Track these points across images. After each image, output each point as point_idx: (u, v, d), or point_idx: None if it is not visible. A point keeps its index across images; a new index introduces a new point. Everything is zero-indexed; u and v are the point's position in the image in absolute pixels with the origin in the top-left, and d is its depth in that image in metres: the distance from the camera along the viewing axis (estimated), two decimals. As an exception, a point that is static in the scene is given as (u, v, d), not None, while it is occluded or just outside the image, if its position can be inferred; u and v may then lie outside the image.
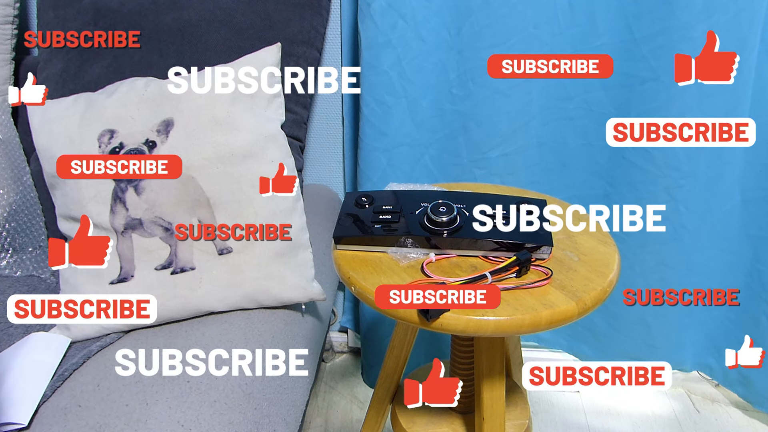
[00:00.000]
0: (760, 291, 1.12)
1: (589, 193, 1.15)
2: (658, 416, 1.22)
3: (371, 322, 1.24)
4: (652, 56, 0.99)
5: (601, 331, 1.23)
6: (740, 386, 1.21)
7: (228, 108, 0.80)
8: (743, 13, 0.95)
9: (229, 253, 0.80)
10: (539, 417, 1.22)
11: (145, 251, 0.79)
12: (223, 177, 0.79)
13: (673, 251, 1.12)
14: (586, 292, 0.59)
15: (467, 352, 0.73)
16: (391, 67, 1.03)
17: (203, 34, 0.96)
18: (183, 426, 0.62)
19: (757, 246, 1.11)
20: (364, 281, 0.61)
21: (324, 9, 1.03)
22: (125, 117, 0.80)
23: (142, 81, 0.84)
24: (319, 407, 1.27)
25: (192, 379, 0.69)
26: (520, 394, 0.82)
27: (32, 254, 0.97)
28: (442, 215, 0.64)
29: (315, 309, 0.95)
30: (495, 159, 1.08)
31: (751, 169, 1.08)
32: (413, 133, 1.09)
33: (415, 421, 0.77)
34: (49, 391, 0.68)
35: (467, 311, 0.55)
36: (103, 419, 0.63)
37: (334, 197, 1.23)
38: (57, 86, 0.98)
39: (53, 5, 1.01)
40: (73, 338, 0.78)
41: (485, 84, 1.03)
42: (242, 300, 0.81)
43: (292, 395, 0.78)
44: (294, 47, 0.98)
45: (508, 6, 0.98)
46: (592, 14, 1.01)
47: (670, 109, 1.01)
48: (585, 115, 1.09)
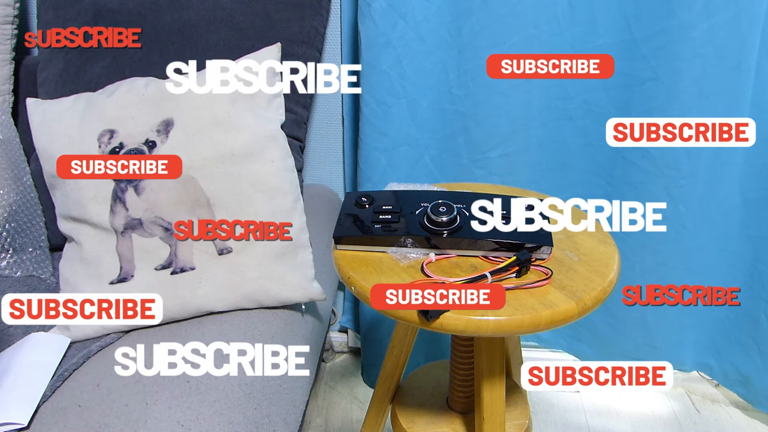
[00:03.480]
0: (760, 291, 1.12)
1: (589, 193, 1.15)
2: (658, 416, 1.22)
3: (371, 322, 1.24)
4: (652, 56, 0.99)
5: (601, 331, 1.23)
6: (740, 386, 1.21)
7: (228, 108, 0.80)
8: (743, 13, 0.95)
9: (229, 253, 0.80)
10: (539, 417, 1.22)
11: (145, 251, 0.79)
12: (223, 177, 0.79)
13: (673, 251, 1.12)
14: (586, 292, 0.59)
15: (467, 352, 0.73)
16: (391, 67, 1.03)
17: (203, 34, 0.96)
18: (183, 426, 0.62)
19: (757, 246, 1.11)
20: (364, 281, 0.61)
21: (324, 9, 1.03)
22: (125, 117, 0.80)
23: (142, 81, 0.84)
24: (319, 407, 1.27)
25: (192, 379, 0.69)
26: (520, 394, 0.82)
27: (32, 254, 0.97)
28: (442, 215, 0.64)
29: (315, 309, 0.95)
30: (495, 159, 1.08)
31: (751, 169, 1.08)
32: (413, 133, 1.09)
33: (415, 421, 0.77)
34: (49, 391, 0.67)
35: (467, 311, 0.55)
36: (103, 419, 0.63)
37: (334, 197, 1.23)
38: (57, 86, 0.98)
39: (53, 5, 1.01)
40: (73, 338, 0.78)
41: (485, 84, 1.03)
42: (242, 300, 0.81)
43: (292, 395, 0.78)
44: (294, 47, 0.98)
45: (508, 6, 0.98)
46: (592, 14, 1.01)
47: (670, 109, 1.01)
48: (585, 115, 1.09)
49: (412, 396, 0.81)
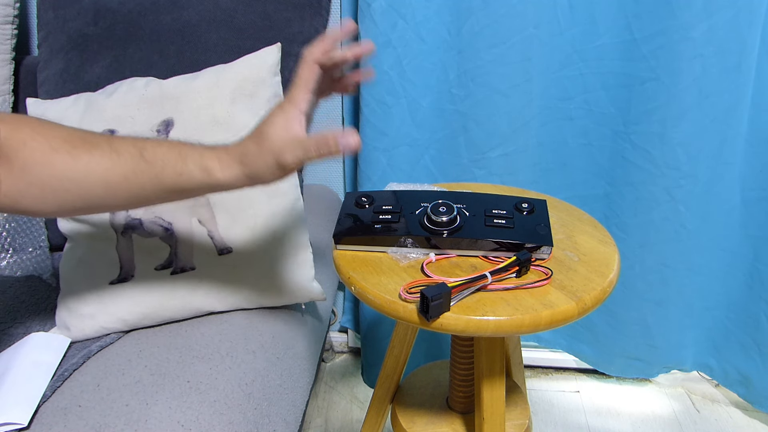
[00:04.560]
0: (760, 291, 1.12)
1: (589, 193, 1.15)
2: (658, 416, 1.22)
3: (371, 322, 1.24)
4: (652, 56, 0.99)
5: (601, 331, 1.23)
6: (740, 386, 1.21)
7: (228, 108, 0.80)
8: (743, 13, 0.95)
9: (229, 253, 0.80)
10: (539, 417, 1.22)
11: (145, 251, 0.79)
12: (223, 177, 0.79)
13: (673, 251, 1.12)
14: (586, 292, 0.59)
15: (467, 352, 0.73)
16: (391, 67, 1.03)
17: (203, 34, 0.96)
18: (183, 426, 0.62)
19: (757, 246, 1.11)
20: (364, 281, 0.61)
21: (324, 9, 1.03)
22: (125, 117, 0.80)
23: (142, 81, 0.84)
24: (319, 407, 1.27)
25: (192, 379, 0.69)
26: (520, 394, 0.82)
27: (32, 254, 0.97)
28: (442, 215, 0.64)
29: (315, 309, 0.95)
30: (495, 159, 1.08)
31: (751, 169, 1.08)
32: (413, 133, 1.09)
33: (415, 421, 0.77)
34: (49, 391, 0.67)
35: (467, 311, 0.56)
36: (103, 419, 0.63)
37: (334, 197, 1.23)
38: (57, 86, 0.97)
39: (53, 5, 1.01)
40: (73, 338, 0.78)
41: (485, 84, 1.03)
42: (242, 300, 0.81)
43: (292, 395, 0.78)
44: (294, 47, 0.98)
45: (508, 6, 0.98)
46: (592, 14, 1.01)
47: (670, 109, 1.01)
48: (585, 115, 1.09)
49: (412, 396, 0.81)
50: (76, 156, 0.57)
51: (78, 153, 0.57)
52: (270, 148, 0.55)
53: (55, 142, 0.57)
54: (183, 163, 0.57)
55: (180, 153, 0.58)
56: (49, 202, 0.58)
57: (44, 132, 0.57)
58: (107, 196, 0.59)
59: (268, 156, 0.55)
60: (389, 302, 0.57)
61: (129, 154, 0.58)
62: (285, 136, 0.55)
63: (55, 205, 0.58)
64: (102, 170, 0.57)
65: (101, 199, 0.59)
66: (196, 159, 0.57)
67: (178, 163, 0.57)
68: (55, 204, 0.58)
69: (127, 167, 0.57)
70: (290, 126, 0.56)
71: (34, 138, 0.56)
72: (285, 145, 0.55)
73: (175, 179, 0.58)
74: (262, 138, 0.56)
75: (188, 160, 0.57)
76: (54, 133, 0.58)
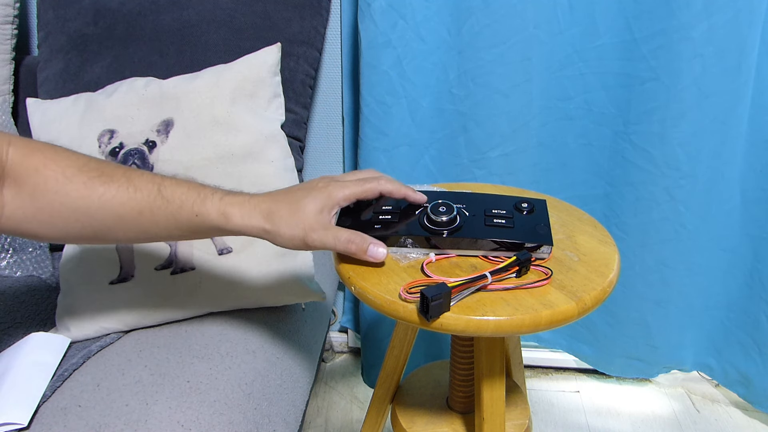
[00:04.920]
0: (760, 291, 1.12)
1: (589, 193, 1.15)
2: (658, 416, 1.22)
3: (371, 322, 1.24)
4: (652, 56, 0.99)
5: (601, 331, 1.23)
6: (740, 386, 1.21)
7: (228, 108, 0.80)
8: (743, 13, 0.95)
9: (229, 253, 0.80)
10: (539, 417, 1.22)
11: (145, 251, 0.79)
12: (223, 177, 0.79)
13: (673, 251, 1.12)
14: (586, 292, 0.59)
15: (467, 352, 0.73)
16: (391, 67, 1.03)
17: (203, 34, 0.96)
18: (183, 426, 0.62)
19: (757, 246, 1.11)
20: (364, 281, 0.60)
21: (324, 9, 1.03)
22: (125, 117, 0.80)
23: (142, 81, 0.84)
24: (319, 407, 1.27)
25: (192, 379, 0.69)
26: (520, 394, 0.82)
27: (32, 254, 0.97)
28: (441, 215, 0.64)
29: (315, 309, 0.95)
30: (495, 159, 1.08)
31: (751, 169, 1.08)
32: (413, 133, 1.09)
33: (415, 421, 0.77)
34: (49, 391, 0.67)
35: (467, 311, 0.56)
36: (103, 419, 0.63)
37: (334, 197, 1.23)
38: (57, 86, 0.98)
39: (53, 5, 1.01)
40: (73, 338, 0.78)
41: (485, 84, 1.03)
42: (242, 300, 0.81)
43: (292, 395, 0.78)
44: (294, 47, 0.98)
45: (508, 6, 0.98)
46: (592, 14, 1.01)
47: (670, 109, 1.01)
48: (585, 115, 1.09)
49: (412, 396, 0.81)
50: (91, 187, 0.57)
51: (93, 184, 0.57)
52: (303, 222, 0.57)
53: (69, 171, 0.57)
54: (201, 204, 0.58)
55: (199, 194, 0.58)
56: (57, 230, 0.58)
57: (57, 159, 0.57)
58: (117, 229, 0.59)
59: (297, 228, 0.57)
60: (389, 302, 0.57)
61: (147, 190, 0.58)
62: (321, 219, 0.57)
63: (63, 232, 0.58)
64: (117, 204, 0.57)
65: (111, 231, 0.59)
66: (216, 202, 0.58)
67: (196, 204, 0.58)
68: (63, 231, 0.58)
69: (144, 203, 0.58)
70: (327, 213, 0.59)
71: (47, 165, 0.56)
72: (319, 227, 0.57)
73: (190, 219, 0.58)
74: (298, 208, 0.57)
75: (207, 202, 0.58)
76: (68, 162, 0.57)
